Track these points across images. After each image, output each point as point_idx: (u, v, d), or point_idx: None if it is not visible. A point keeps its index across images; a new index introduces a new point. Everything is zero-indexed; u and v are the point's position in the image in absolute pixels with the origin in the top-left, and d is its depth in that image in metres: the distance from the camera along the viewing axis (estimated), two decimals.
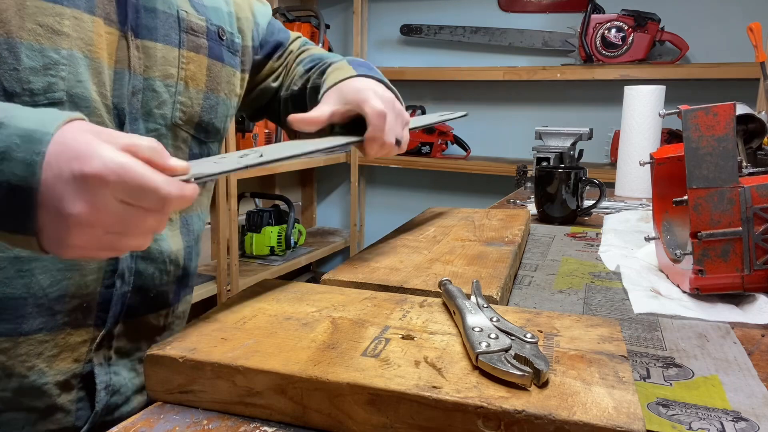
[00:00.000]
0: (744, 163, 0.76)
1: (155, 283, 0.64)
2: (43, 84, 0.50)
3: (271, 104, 0.85)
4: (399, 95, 0.71)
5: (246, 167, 0.47)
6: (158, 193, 0.39)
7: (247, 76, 0.76)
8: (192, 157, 0.67)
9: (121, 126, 0.57)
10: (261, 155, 0.50)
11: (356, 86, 0.66)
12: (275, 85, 0.83)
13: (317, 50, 0.85)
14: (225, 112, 0.71)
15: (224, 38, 0.68)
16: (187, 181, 0.41)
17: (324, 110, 0.66)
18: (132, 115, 0.58)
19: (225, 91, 0.69)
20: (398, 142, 0.67)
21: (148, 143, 0.40)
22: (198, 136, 0.67)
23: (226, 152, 0.69)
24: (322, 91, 0.69)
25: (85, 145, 0.38)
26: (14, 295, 0.53)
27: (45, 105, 0.51)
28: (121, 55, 0.57)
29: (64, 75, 0.52)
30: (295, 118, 0.65)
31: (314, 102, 0.71)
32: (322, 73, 0.75)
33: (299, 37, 0.87)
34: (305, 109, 0.73)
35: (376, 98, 0.64)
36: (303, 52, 0.85)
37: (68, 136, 0.39)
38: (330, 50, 2.76)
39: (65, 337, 0.56)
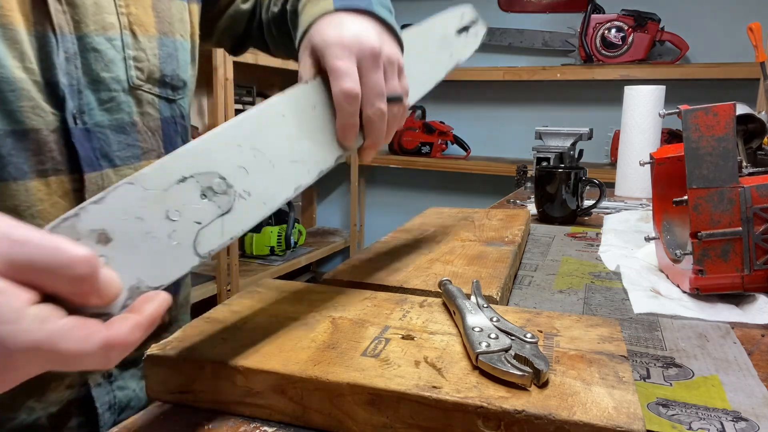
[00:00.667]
0: (744, 163, 0.76)
1: None
2: None
3: (249, 31, 0.71)
4: (394, 26, 0.52)
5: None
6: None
7: (198, 5, 0.62)
8: (164, 122, 0.56)
9: (60, 106, 0.46)
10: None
11: (323, 36, 0.46)
12: (247, 6, 0.68)
13: None
14: (186, 57, 0.59)
15: None
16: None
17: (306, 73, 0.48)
18: (73, 89, 0.47)
19: (180, 32, 0.58)
20: (395, 99, 0.47)
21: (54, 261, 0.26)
22: (164, 94, 0.56)
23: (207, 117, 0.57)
24: (297, 37, 0.51)
25: None
26: None
27: None
28: (38, 14, 0.45)
29: None
30: None
31: (296, 28, 0.55)
32: None
33: None
34: (290, 35, 0.61)
35: (339, 50, 0.44)
36: None
37: None
38: None
39: None
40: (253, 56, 1.98)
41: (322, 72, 0.45)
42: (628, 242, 0.87)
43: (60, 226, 0.28)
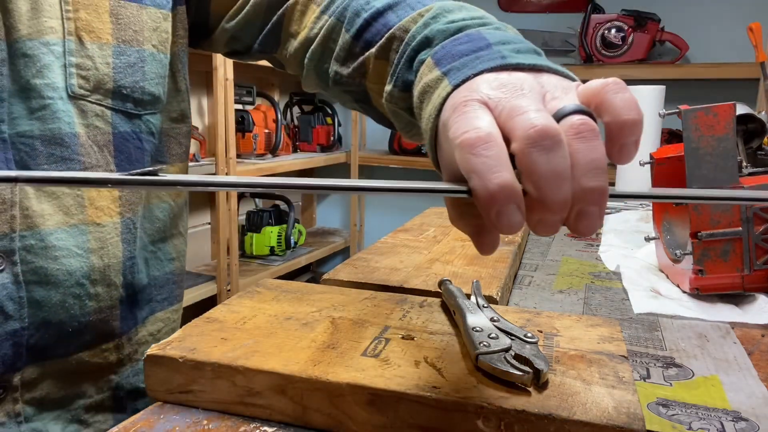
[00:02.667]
0: (744, 163, 0.76)
1: (71, 313, 0.50)
2: None
3: (252, 47, 0.60)
4: (554, 67, 0.34)
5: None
6: None
7: (183, 9, 0.56)
8: (118, 138, 0.51)
9: None
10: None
11: (447, 125, 0.31)
12: (231, 24, 0.58)
13: None
14: (159, 70, 0.54)
15: None
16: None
17: None
18: None
19: (152, 42, 0.52)
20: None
21: None
22: (123, 108, 0.51)
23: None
24: (427, 139, 0.36)
25: None
26: None
27: None
28: None
29: None
30: None
31: (409, 123, 0.45)
32: (405, 88, 0.43)
33: None
34: (370, 108, 0.51)
35: (464, 130, 0.28)
36: None
37: None
38: None
39: None
40: None
41: None
42: (628, 242, 0.87)
43: None
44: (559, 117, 0.29)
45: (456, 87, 0.32)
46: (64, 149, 0.48)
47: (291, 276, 2.51)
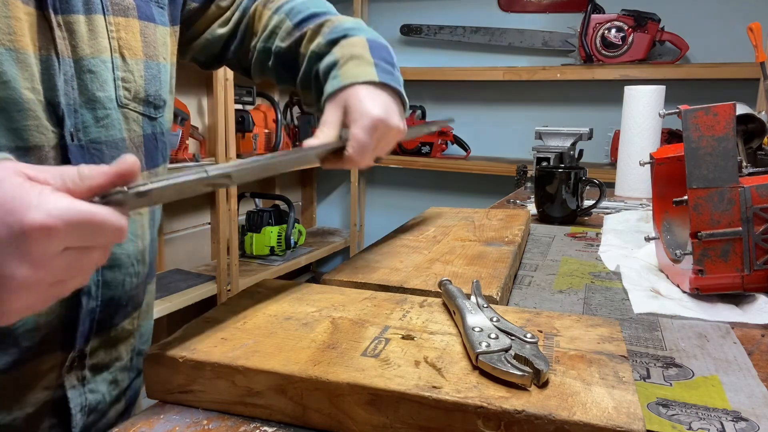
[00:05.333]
0: (744, 163, 0.76)
1: (125, 289, 0.58)
2: None
3: (226, 52, 0.73)
4: (407, 103, 0.64)
5: (196, 179, 0.40)
6: (110, 228, 0.34)
7: (178, 28, 0.66)
8: (146, 139, 0.60)
9: (60, 124, 0.49)
10: (206, 172, 0.41)
11: (363, 106, 0.57)
12: (224, 30, 0.71)
13: None
14: (167, 79, 0.63)
15: None
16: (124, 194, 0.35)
17: (328, 135, 0.57)
18: (70, 108, 0.50)
19: (163, 56, 0.61)
20: (376, 160, 0.61)
21: (77, 172, 0.34)
22: (147, 113, 0.59)
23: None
24: (331, 86, 0.59)
25: (18, 193, 0.32)
26: None
27: None
28: (43, 39, 0.48)
29: None
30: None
31: (312, 77, 0.63)
32: (331, 42, 0.63)
33: None
34: (294, 71, 0.67)
35: (366, 120, 0.56)
36: None
37: None
38: None
39: (33, 368, 0.51)
40: None
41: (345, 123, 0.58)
42: (628, 242, 0.87)
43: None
44: None
45: (380, 83, 0.59)
46: (119, 152, 0.55)
47: (291, 276, 2.51)
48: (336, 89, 0.58)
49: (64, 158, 0.50)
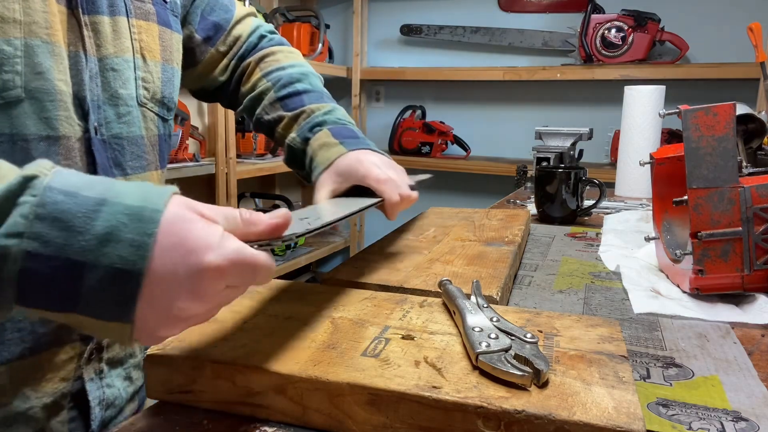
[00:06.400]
0: (744, 163, 0.76)
1: None
2: None
3: (218, 95, 0.80)
4: (378, 150, 0.71)
5: (317, 228, 0.47)
6: (266, 272, 0.37)
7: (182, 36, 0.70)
8: (160, 138, 0.63)
9: (85, 118, 0.52)
10: (319, 218, 0.50)
11: (349, 163, 0.65)
12: (223, 79, 0.78)
13: (280, 54, 0.79)
14: (178, 83, 0.66)
15: (168, 1, 0.63)
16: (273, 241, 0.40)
17: (324, 197, 0.65)
18: (94, 103, 0.53)
19: (176, 61, 0.65)
20: (411, 188, 0.67)
21: (239, 216, 0.37)
22: (161, 114, 0.62)
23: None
24: (315, 174, 0.68)
25: (202, 234, 0.34)
26: None
27: (1, 105, 0.45)
28: (73, 36, 0.51)
29: (19, 69, 0.46)
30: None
31: (294, 157, 0.73)
32: (305, 140, 0.71)
33: (249, 15, 0.79)
34: (270, 135, 0.76)
35: (375, 168, 0.64)
36: (266, 56, 0.78)
37: (175, 219, 0.34)
38: (330, 51, 2.76)
39: (50, 357, 0.52)
40: None
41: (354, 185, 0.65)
42: (628, 242, 0.87)
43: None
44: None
45: (350, 151, 0.66)
46: (138, 148, 0.59)
47: (291, 276, 2.51)
48: (319, 173, 0.67)
49: (87, 150, 0.52)
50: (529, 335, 0.41)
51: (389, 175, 0.64)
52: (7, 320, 0.49)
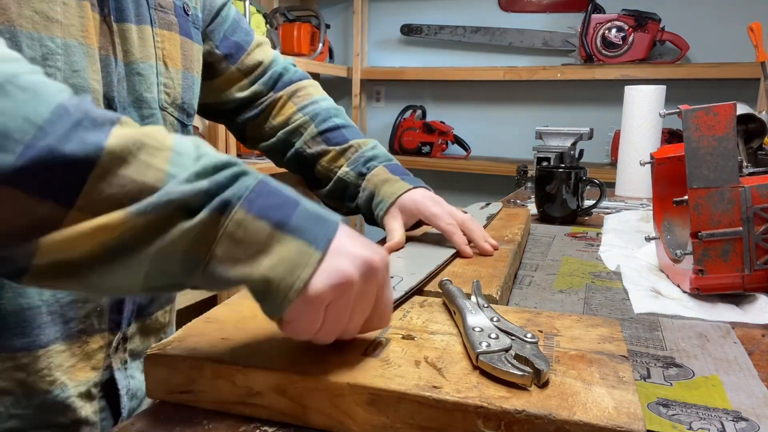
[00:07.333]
0: (744, 163, 0.76)
1: None
2: None
3: (234, 115, 0.82)
4: (427, 187, 0.76)
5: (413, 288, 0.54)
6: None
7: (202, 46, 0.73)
8: None
9: None
10: (413, 273, 0.57)
11: (414, 199, 0.71)
12: (240, 96, 0.79)
13: (311, 87, 0.83)
14: (197, 90, 0.70)
15: (189, 14, 0.66)
16: None
17: (399, 236, 0.70)
18: (121, 104, 0.56)
19: (196, 70, 0.68)
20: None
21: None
22: (181, 118, 0.65)
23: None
24: (382, 207, 0.73)
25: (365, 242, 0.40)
26: (29, 305, 0.51)
27: None
28: (104, 41, 0.54)
29: (60, 65, 0.49)
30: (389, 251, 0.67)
31: (342, 190, 0.78)
32: (360, 174, 0.76)
33: (266, 43, 0.83)
34: (306, 170, 0.81)
35: (444, 213, 0.70)
36: (298, 91, 0.81)
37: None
38: (330, 51, 2.76)
39: (81, 345, 0.55)
40: None
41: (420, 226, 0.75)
42: (629, 242, 0.87)
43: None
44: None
45: (415, 188, 0.73)
46: None
47: None
48: (388, 207, 0.72)
49: None
50: (529, 335, 0.41)
51: (455, 218, 0.70)
52: (42, 303, 0.52)
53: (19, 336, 0.51)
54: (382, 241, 0.75)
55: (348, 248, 0.38)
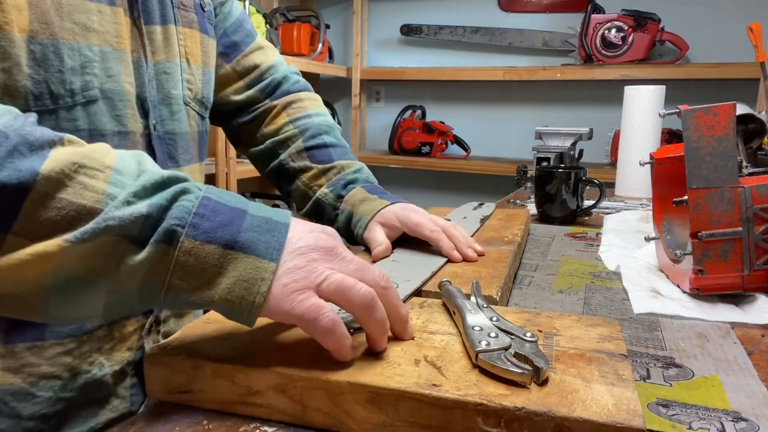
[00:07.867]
0: (744, 163, 0.76)
1: None
2: (81, 83, 0.51)
3: (230, 119, 0.82)
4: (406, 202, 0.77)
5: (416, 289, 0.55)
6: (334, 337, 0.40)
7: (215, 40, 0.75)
8: (199, 135, 0.68)
9: (146, 116, 0.58)
10: (408, 280, 0.57)
11: (396, 212, 0.70)
12: (235, 99, 0.80)
13: (308, 101, 0.83)
14: (213, 84, 0.72)
15: (206, 9, 0.68)
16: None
17: (384, 243, 0.68)
18: (152, 103, 0.59)
19: (212, 65, 0.70)
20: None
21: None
22: (200, 112, 0.68)
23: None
24: (361, 224, 0.72)
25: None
26: None
27: (82, 104, 0.51)
28: (135, 44, 0.57)
29: (96, 72, 0.52)
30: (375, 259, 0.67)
31: (319, 211, 0.77)
32: (338, 197, 0.76)
33: (270, 48, 0.83)
34: (286, 182, 0.80)
35: (427, 221, 0.68)
36: (293, 102, 0.81)
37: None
38: (330, 51, 2.76)
39: (120, 329, 0.57)
40: None
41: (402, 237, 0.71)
42: (629, 242, 0.87)
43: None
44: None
45: (392, 203, 0.72)
46: (186, 143, 0.65)
47: None
48: (367, 222, 0.71)
49: (148, 145, 0.58)
50: (528, 334, 0.41)
51: (438, 225, 0.69)
52: None
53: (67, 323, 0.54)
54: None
55: (302, 243, 0.40)
